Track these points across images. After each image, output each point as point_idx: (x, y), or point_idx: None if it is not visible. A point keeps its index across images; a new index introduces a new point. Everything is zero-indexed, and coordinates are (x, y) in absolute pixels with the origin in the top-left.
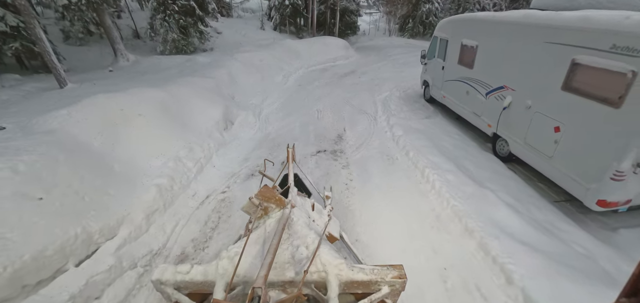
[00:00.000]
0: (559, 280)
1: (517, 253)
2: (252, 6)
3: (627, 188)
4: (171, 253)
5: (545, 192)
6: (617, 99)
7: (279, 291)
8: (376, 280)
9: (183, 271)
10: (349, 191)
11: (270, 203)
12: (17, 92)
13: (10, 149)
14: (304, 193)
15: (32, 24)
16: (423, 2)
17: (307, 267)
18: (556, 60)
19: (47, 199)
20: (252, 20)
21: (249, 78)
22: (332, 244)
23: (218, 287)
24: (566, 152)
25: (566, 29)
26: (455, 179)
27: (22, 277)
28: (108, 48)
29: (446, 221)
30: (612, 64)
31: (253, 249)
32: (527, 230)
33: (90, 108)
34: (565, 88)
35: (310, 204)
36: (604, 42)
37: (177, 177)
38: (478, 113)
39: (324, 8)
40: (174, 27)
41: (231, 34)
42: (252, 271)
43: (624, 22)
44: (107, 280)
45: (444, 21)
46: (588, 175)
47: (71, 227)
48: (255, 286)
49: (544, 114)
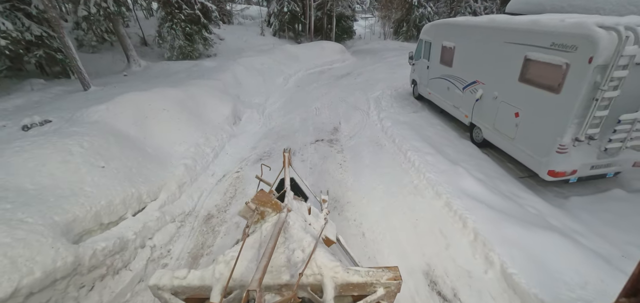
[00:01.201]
0: (504, 225)
1: (475, 209)
2: (252, 13)
3: (570, 160)
4: (199, 214)
5: (512, 170)
6: (557, 87)
7: (274, 294)
8: (371, 282)
9: (180, 276)
10: (343, 169)
11: (266, 208)
12: (45, 94)
13: (70, 133)
14: (301, 197)
15: (62, 34)
16: (416, 7)
17: (302, 269)
18: (513, 57)
19: (107, 167)
20: (252, 26)
21: (252, 80)
22: (328, 247)
23: (214, 291)
24: (524, 133)
25: (519, 31)
26: (433, 159)
27: (100, 216)
28: (119, 55)
29: (421, 189)
30: (552, 58)
31: (249, 253)
32: (488, 195)
33: (124, 103)
34: (521, 80)
35: (307, 208)
36: (546, 41)
37: (198, 160)
38: (457, 105)
39: (321, 14)
40: (180, 35)
41: (233, 40)
42: (248, 275)
43: (559, 25)
44: (156, 227)
45: (427, 25)
46: (540, 151)
47: (127, 188)
48: (250, 289)
49: (507, 103)
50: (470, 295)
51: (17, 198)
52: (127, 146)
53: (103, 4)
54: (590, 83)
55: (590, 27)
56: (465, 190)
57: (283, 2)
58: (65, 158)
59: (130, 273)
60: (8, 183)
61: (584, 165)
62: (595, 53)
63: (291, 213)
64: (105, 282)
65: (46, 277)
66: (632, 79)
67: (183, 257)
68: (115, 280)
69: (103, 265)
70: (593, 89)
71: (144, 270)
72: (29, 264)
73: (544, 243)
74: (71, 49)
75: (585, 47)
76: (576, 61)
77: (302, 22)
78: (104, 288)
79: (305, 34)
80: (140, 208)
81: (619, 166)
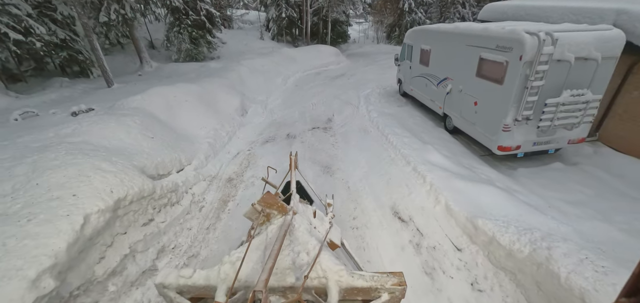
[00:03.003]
0: (454, 181)
1: (434, 171)
2: (251, 18)
3: (514, 137)
4: (222, 177)
5: (475, 150)
6: (500, 79)
7: (279, 296)
8: (376, 287)
9: (186, 275)
10: (334, 147)
11: (272, 210)
12: (73, 90)
13: (122, 114)
14: (306, 200)
15: (91, 38)
16: (408, 13)
17: (307, 272)
18: (472, 57)
19: (155, 138)
20: (251, 31)
21: (254, 80)
22: (332, 251)
23: (219, 291)
24: (481, 118)
25: (475, 36)
26: (409, 141)
27: (157, 168)
28: (130, 56)
29: (396, 160)
30: (497, 57)
31: (255, 255)
32: (449, 165)
33: (154, 95)
34: (477, 75)
35: (312, 211)
36: (493, 44)
37: (217, 140)
38: (433, 99)
39: (317, 19)
40: (186, 39)
41: (234, 44)
42: (253, 276)
43: (501, 31)
44: (193, 182)
45: (410, 31)
46: (492, 131)
47: (171, 153)
48: (255, 290)
49: (468, 94)
50: (421, 218)
51: (105, 152)
52: (163, 126)
53: (121, 10)
54: (522, 75)
55: (520, 33)
56: (430, 161)
57: (281, 8)
58: (127, 130)
59: (181, 207)
60: (95, 143)
61: (527, 142)
62: (523, 52)
63: (296, 216)
64: (167, 209)
65: (139, 193)
66: (553, 72)
67: (215, 202)
68: (173, 209)
69: (165, 197)
70: (525, 79)
71: (189, 206)
72: (130, 183)
73: (482, 192)
74: (99, 50)
75: (517, 48)
76: (512, 59)
77: (299, 26)
78: (166, 213)
79: (302, 38)
80: (180, 168)
81: (556, 143)
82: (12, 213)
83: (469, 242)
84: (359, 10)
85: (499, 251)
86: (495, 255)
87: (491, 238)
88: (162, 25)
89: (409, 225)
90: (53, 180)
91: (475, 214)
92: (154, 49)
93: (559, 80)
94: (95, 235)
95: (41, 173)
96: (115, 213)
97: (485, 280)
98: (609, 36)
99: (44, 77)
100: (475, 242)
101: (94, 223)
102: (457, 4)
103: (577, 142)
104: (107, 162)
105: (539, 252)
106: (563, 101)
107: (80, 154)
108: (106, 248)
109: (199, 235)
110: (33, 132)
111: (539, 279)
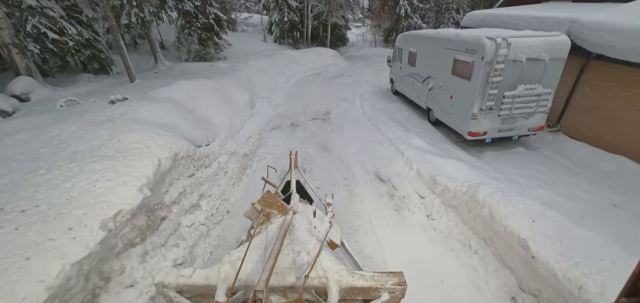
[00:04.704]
0: (427, 156)
1: (412, 150)
2: (254, 21)
3: (480, 124)
4: (240, 153)
5: (452, 138)
6: (469, 76)
7: (279, 296)
8: (376, 287)
9: (185, 275)
10: (331, 133)
11: (272, 209)
12: (100, 84)
13: (157, 100)
14: (306, 200)
15: (118, 38)
16: (404, 18)
17: (307, 272)
18: (448, 58)
19: (187, 120)
20: (255, 33)
21: (260, 79)
22: (332, 251)
23: (220, 291)
24: (455, 109)
25: (451, 40)
26: (395, 129)
27: (194, 140)
28: (143, 56)
29: (382, 143)
30: (466, 57)
31: (255, 254)
32: (426, 147)
33: (179, 87)
34: (452, 73)
35: (312, 211)
36: (463, 47)
37: (232, 126)
38: (419, 95)
39: (317, 23)
40: (196, 40)
41: (239, 46)
42: (253, 276)
43: (469, 36)
44: (219, 153)
45: (399, 36)
46: (463, 119)
47: (200, 131)
48: (256, 290)
49: (446, 90)
50: (397, 179)
51: (156, 125)
52: (190, 112)
53: (140, 14)
54: (484, 73)
55: (482, 38)
56: (411, 144)
57: (283, 13)
58: (167, 112)
59: (211, 169)
60: (146, 120)
61: (492, 128)
62: (484, 54)
63: (297, 216)
64: (203, 169)
65: (187, 152)
66: (509, 70)
67: (236, 169)
68: (206, 170)
69: (201, 160)
70: (487, 76)
71: (217, 170)
72: (180, 145)
73: (448, 164)
74: (124, 49)
75: (480, 50)
76: (477, 59)
77: (300, 30)
78: (203, 172)
79: (303, 41)
80: (208, 143)
81: (518, 131)
82: (110, 155)
83: (430, 192)
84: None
85: (448, 194)
86: (446, 197)
87: (444, 187)
88: (171, 27)
89: (387, 183)
90: (130, 138)
91: (437, 173)
92: (164, 49)
93: (515, 77)
94: (164, 174)
95: (119, 134)
96: (174, 163)
97: (438, 213)
98: (556, 41)
99: (68, 73)
100: (434, 192)
101: (164, 164)
102: (452, 9)
103: (536, 130)
104: (162, 130)
105: (471, 189)
106: (518, 94)
107: (140, 124)
108: (168, 186)
109: (227, 189)
110: (88, 113)
111: (469, 206)
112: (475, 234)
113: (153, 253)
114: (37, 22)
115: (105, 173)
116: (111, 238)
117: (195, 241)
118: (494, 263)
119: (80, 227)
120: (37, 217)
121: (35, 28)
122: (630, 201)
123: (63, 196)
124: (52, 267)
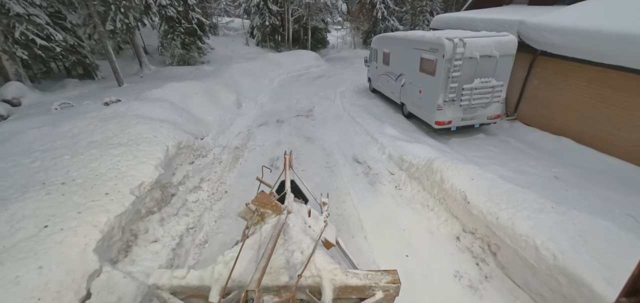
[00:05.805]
0: (398, 142)
1: (385, 137)
2: (235, 26)
3: (445, 114)
4: (231, 146)
5: (423, 129)
6: (433, 72)
7: (273, 295)
8: (370, 285)
9: (179, 276)
10: (314, 127)
11: (266, 209)
12: (89, 89)
13: (152, 100)
14: (301, 199)
15: (106, 44)
16: (381, 20)
17: (300, 271)
18: (415, 56)
19: (182, 117)
20: (236, 37)
21: (244, 81)
22: (327, 250)
23: (213, 291)
24: (424, 102)
25: (418, 41)
26: (371, 121)
27: (195, 134)
28: (127, 61)
29: (360, 133)
30: (430, 56)
31: (249, 254)
32: (399, 135)
33: (170, 89)
34: (420, 70)
35: (307, 210)
36: (428, 46)
37: (222, 123)
38: (393, 92)
39: (298, 26)
40: (179, 45)
41: (222, 49)
42: (247, 276)
43: (432, 37)
44: (213, 146)
45: (374, 38)
46: (430, 110)
47: (195, 126)
48: (248, 289)
49: (415, 85)
50: (372, 161)
51: (157, 119)
52: (183, 111)
53: (125, 20)
54: (446, 69)
55: (442, 38)
56: (385, 133)
57: (264, 16)
58: (164, 109)
59: (208, 159)
60: (147, 116)
61: (456, 118)
62: (444, 52)
63: (291, 215)
64: (200, 158)
65: (188, 142)
66: (466, 66)
67: (229, 159)
68: (204, 159)
69: (199, 150)
70: (447, 72)
71: (212, 160)
72: (182, 135)
73: (416, 148)
74: (111, 54)
75: (440, 49)
76: (439, 57)
77: (281, 33)
78: (201, 160)
79: (285, 44)
80: (203, 137)
81: (479, 119)
82: (125, 143)
83: (399, 169)
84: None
85: (412, 169)
86: (411, 172)
87: (410, 163)
88: (154, 32)
89: (363, 165)
90: (139, 129)
91: (405, 154)
92: (147, 54)
93: (471, 72)
94: (171, 159)
95: (127, 128)
96: (178, 150)
97: (404, 184)
98: (505, 40)
99: (52, 78)
100: (402, 168)
101: (170, 150)
102: (426, 12)
103: (494, 118)
104: (165, 124)
105: (429, 162)
106: (475, 86)
107: (144, 119)
108: (175, 170)
109: (223, 174)
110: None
111: (427, 174)
112: (432, 197)
113: (168, 219)
114: (25, 28)
115: (124, 156)
116: (138, 203)
117: (201, 212)
118: (445, 215)
119: (114, 192)
120: (76, 187)
121: (23, 35)
122: (569, 173)
123: (92, 173)
124: (100, 217)
